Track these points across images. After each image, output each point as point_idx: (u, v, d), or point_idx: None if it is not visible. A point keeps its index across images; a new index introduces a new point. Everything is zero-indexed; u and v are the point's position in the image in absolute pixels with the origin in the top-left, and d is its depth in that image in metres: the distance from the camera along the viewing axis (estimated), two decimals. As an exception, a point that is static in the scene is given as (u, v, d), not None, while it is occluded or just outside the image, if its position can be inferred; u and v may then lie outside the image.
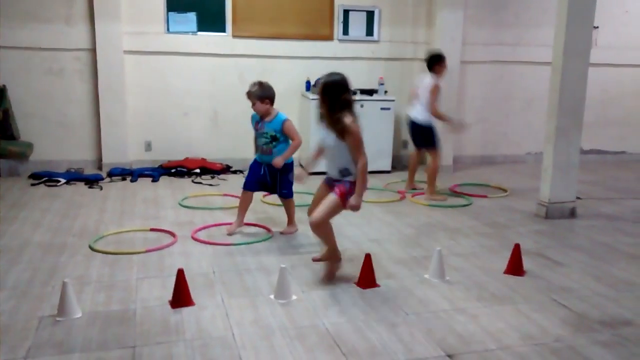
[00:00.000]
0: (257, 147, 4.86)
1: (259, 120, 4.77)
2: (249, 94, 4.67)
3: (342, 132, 3.70)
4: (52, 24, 6.77)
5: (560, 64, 5.33)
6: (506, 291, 3.79)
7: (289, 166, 4.81)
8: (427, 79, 6.13)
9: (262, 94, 4.65)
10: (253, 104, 4.68)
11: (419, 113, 6.19)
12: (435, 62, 6.11)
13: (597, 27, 7.53)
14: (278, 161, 4.64)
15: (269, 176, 4.81)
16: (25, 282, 3.72)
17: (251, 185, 4.87)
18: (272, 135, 4.70)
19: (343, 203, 3.78)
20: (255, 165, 4.87)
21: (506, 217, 5.56)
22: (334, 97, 3.73)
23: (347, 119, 3.68)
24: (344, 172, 3.82)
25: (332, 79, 3.80)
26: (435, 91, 6.01)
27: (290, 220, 4.96)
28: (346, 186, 3.79)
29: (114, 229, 4.84)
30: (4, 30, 6.62)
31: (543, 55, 7.74)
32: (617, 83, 8.65)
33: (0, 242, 4.48)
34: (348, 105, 3.74)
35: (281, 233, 4.89)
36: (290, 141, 4.77)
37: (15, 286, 3.66)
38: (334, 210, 3.80)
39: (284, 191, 4.87)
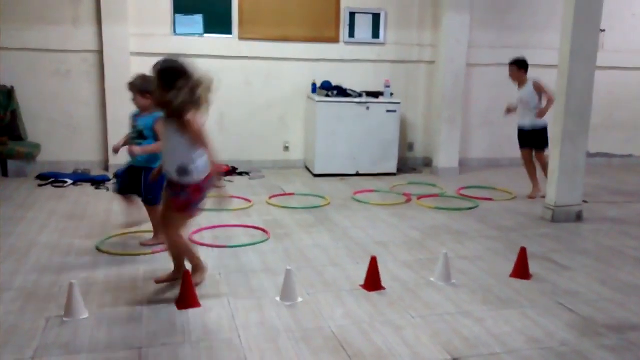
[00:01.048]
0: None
1: (136, 115, 4.38)
2: (131, 86, 4.27)
3: (182, 124, 3.28)
4: (59, 25, 6.81)
5: (566, 67, 5.32)
6: (512, 295, 3.78)
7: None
8: None
9: (144, 87, 4.20)
10: (133, 97, 4.29)
11: None
12: None
13: (604, 30, 7.53)
14: (135, 150, 4.20)
15: (134, 178, 4.36)
16: (32, 283, 3.73)
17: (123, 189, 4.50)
18: (139, 131, 4.29)
19: (187, 213, 3.50)
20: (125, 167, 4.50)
21: (512, 221, 5.55)
22: (172, 83, 3.27)
23: (187, 111, 3.28)
24: (182, 171, 3.38)
25: (170, 65, 3.34)
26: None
27: (158, 232, 4.42)
28: (182, 197, 3.42)
29: (121, 230, 4.86)
30: (12, 32, 6.67)
31: (549, 59, 7.72)
32: (624, 86, 8.63)
33: (8, 242, 4.51)
34: (188, 93, 3.28)
35: (142, 245, 4.48)
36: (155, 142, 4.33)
37: (22, 287, 3.67)
38: (179, 224, 3.55)
39: (149, 196, 4.34)
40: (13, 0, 6.66)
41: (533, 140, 6.55)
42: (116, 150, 4.45)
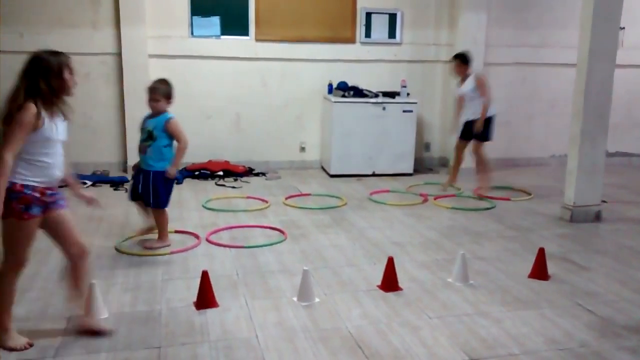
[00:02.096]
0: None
1: (146, 117, 4.50)
2: (156, 90, 4.38)
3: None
4: (79, 28, 6.89)
5: (585, 66, 5.27)
6: (530, 295, 3.76)
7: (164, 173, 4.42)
8: None
9: (169, 93, 4.41)
10: (157, 101, 4.36)
11: None
12: None
13: (624, 28, 7.44)
14: (171, 171, 4.36)
15: (142, 181, 4.41)
16: (53, 283, 3.78)
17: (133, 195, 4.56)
18: (149, 132, 4.38)
19: None
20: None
21: (530, 221, 5.51)
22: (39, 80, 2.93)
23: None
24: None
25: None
26: None
27: (163, 235, 4.52)
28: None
29: (137, 234, 4.91)
30: (34, 36, 6.76)
31: (567, 57, 7.66)
32: (643, 85, 8.51)
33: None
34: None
35: (146, 247, 4.45)
36: (168, 142, 4.42)
37: (43, 287, 3.74)
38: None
39: (158, 199, 4.41)
40: (34, 4, 6.76)
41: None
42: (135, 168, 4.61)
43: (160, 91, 4.40)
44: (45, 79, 2.93)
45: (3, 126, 2.84)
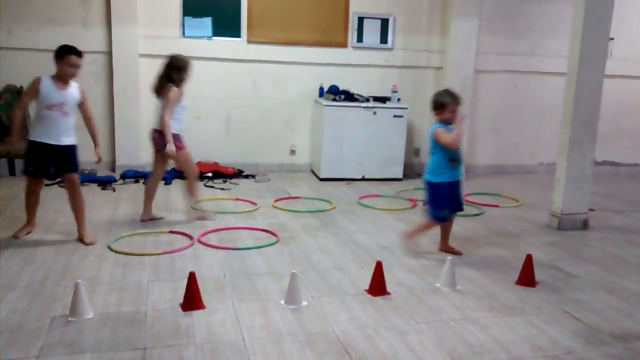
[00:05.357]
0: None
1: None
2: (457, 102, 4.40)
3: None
4: (69, 26, 6.84)
5: (575, 75, 5.31)
6: (517, 302, 3.77)
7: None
8: None
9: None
10: (445, 111, 4.37)
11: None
12: None
13: (613, 39, 7.51)
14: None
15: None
16: (38, 282, 3.75)
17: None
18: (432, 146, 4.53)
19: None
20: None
21: (518, 228, 5.54)
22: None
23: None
24: None
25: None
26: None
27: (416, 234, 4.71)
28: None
29: (130, 231, 4.87)
30: (23, 32, 6.71)
31: (557, 66, 7.74)
32: (631, 94, 8.60)
33: (14, 241, 4.53)
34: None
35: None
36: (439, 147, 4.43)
37: (28, 285, 3.69)
38: None
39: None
40: (24, 1, 6.71)
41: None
42: None
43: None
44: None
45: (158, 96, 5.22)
